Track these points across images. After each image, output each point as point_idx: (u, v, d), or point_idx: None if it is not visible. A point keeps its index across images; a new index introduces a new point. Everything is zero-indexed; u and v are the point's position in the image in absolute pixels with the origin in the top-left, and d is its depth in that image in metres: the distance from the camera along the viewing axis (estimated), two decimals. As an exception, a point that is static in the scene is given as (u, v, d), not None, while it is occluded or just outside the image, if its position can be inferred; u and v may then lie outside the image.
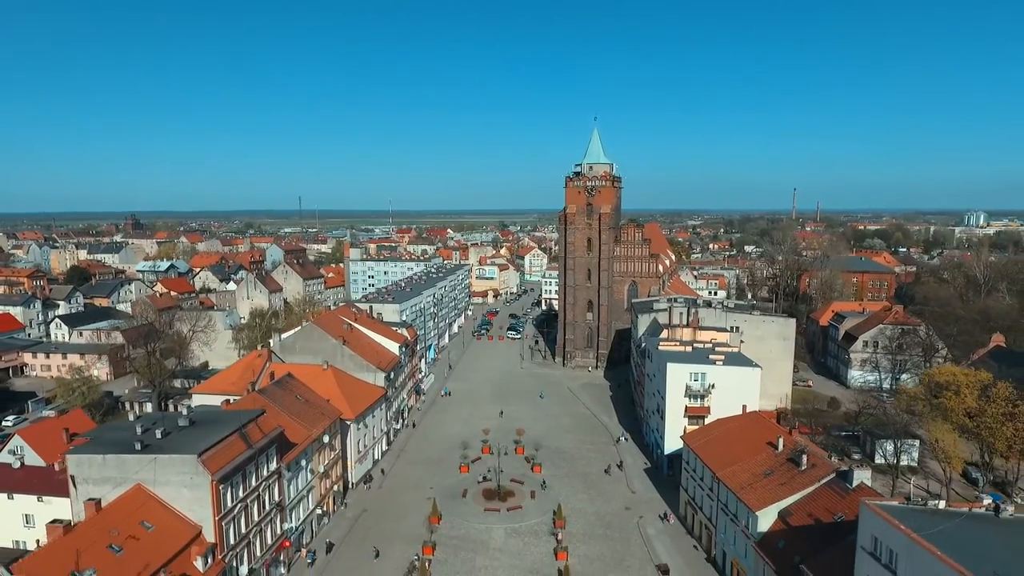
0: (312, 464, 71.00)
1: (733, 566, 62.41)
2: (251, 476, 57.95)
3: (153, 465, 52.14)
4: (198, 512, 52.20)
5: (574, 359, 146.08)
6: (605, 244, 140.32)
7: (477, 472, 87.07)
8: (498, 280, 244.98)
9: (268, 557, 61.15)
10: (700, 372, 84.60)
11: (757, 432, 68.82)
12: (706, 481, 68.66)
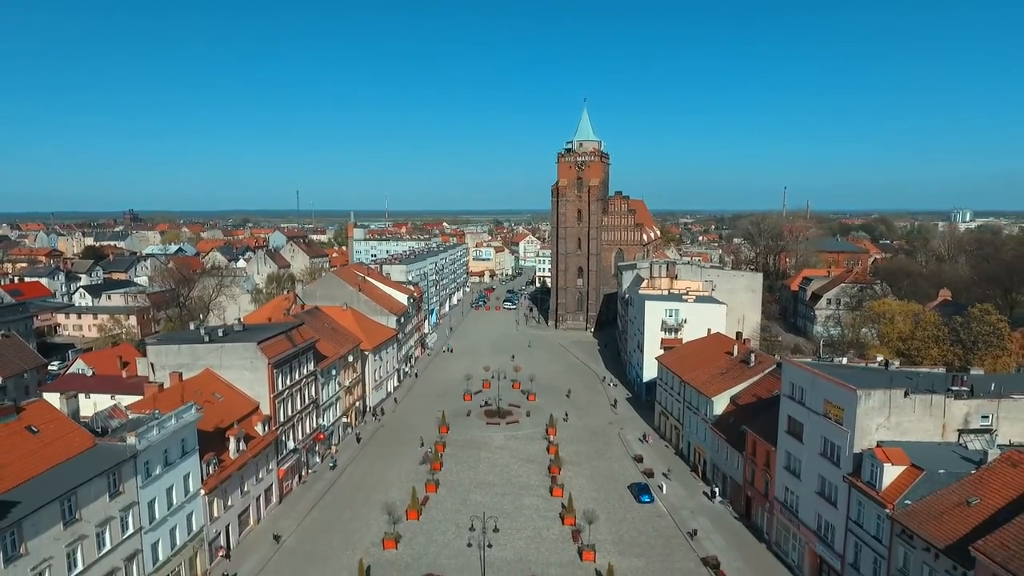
0: (339, 378, 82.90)
1: (696, 451, 74.74)
2: (295, 371, 69.82)
3: (220, 352, 64.05)
4: (256, 390, 64.04)
5: (566, 321, 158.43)
6: (594, 215, 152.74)
7: (479, 400, 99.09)
8: (494, 261, 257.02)
9: (307, 443, 72.97)
10: (674, 309, 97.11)
11: (718, 347, 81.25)
12: (675, 388, 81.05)
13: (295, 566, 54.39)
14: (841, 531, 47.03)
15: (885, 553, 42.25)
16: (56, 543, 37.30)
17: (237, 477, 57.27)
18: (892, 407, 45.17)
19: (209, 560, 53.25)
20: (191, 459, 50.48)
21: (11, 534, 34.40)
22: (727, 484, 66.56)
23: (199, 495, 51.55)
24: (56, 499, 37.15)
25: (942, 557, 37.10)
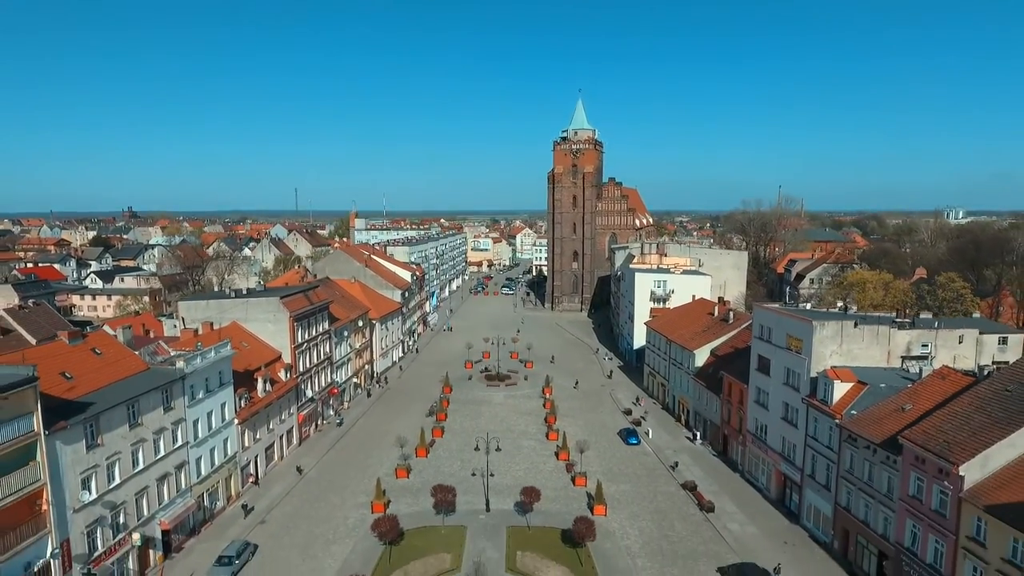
0: (350, 340, 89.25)
1: (680, 403, 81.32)
2: (313, 327, 76.16)
3: (245, 305, 70.41)
4: (279, 341, 70.37)
5: (561, 303, 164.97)
6: (588, 200, 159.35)
7: (479, 368, 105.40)
8: (492, 252, 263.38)
9: (323, 396, 79.27)
10: (662, 280, 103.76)
11: (701, 310, 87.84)
12: (661, 348, 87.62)
13: (317, 492, 60.71)
14: (801, 448, 53.60)
15: (835, 458, 48.84)
16: (123, 441, 43.62)
17: (264, 414, 63.59)
18: (844, 336, 51.82)
19: (241, 484, 59.59)
20: (227, 390, 56.81)
21: (90, 426, 40.72)
22: (707, 427, 73.15)
23: (233, 424, 57.88)
24: (123, 402, 43.50)
25: (878, 451, 43.71)
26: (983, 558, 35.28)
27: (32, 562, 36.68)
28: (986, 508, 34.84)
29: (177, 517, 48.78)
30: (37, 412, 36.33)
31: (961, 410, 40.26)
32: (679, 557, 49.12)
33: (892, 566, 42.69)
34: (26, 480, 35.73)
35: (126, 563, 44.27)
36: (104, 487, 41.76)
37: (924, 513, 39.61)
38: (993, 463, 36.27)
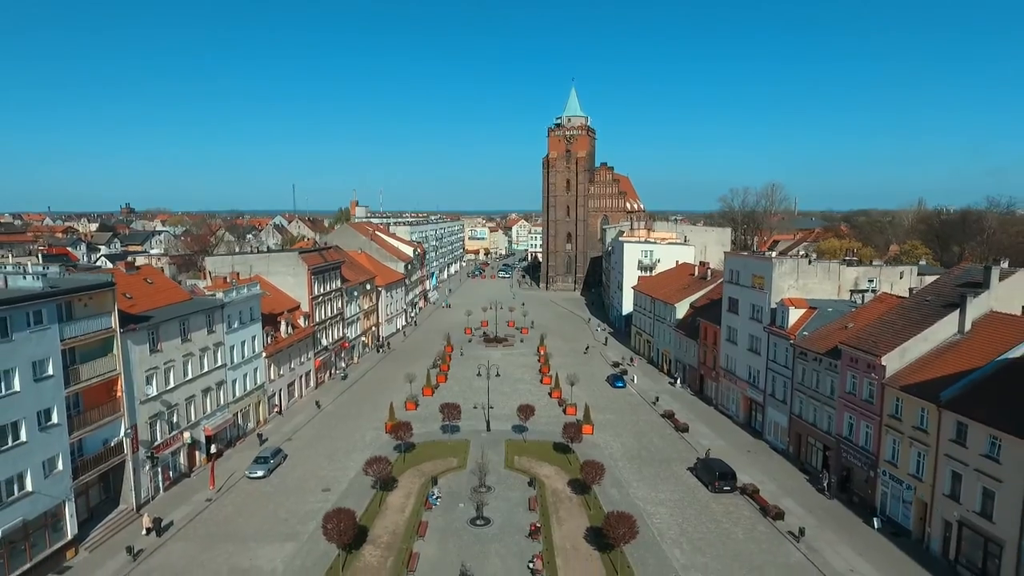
0: (359, 300, 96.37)
1: (662, 354, 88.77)
2: (327, 283, 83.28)
3: (268, 260, 77.56)
4: (298, 292, 77.49)
5: (555, 283, 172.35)
6: (581, 184, 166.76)
7: (478, 335, 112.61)
8: (488, 241, 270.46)
9: (335, 348, 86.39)
10: (649, 250, 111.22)
11: (684, 272, 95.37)
12: (646, 307, 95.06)
13: (334, 421, 67.84)
14: (763, 372, 61.04)
15: (790, 375, 56.30)
16: (176, 351, 50.74)
17: (286, 353, 70.69)
18: (799, 272, 59.33)
19: (268, 411, 66.70)
20: (256, 326, 63.91)
21: (152, 333, 47.84)
22: (686, 371, 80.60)
23: (261, 356, 64.98)
24: (177, 317, 50.67)
25: (823, 360, 51.19)
26: (899, 430, 42.76)
27: (109, 439, 43.78)
28: (901, 388, 42.33)
29: (218, 426, 55.90)
30: (114, 312, 43.47)
31: (889, 319, 47.85)
32: (655, 461, 56.48)
33: (833, 455, 50.14)
34: (106, 368, 42.82)
35: (178, 458, 51.42)
36: (162, 387, 48.87)
37: (857, 404, 47.08)
38: (910, 354, 43.77)
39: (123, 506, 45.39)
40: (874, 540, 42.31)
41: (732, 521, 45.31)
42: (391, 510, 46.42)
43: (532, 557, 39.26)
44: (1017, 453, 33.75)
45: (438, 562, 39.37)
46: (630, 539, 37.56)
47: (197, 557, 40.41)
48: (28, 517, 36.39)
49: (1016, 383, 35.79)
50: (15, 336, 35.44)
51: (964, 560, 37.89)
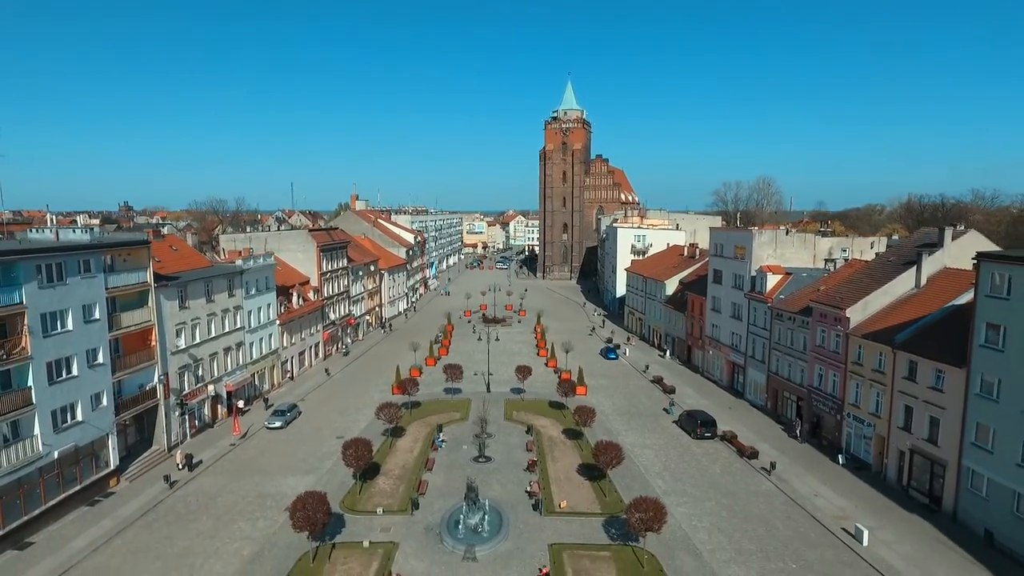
0: (364, 280, 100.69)
1: (653, 330, 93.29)
2: (334, 260, 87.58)
3: (279, 237, 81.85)
4: (307, 268, 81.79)
5: (552, 272, 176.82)
6: (577, 175, 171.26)
7: (477, 316, 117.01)
8: (486, 235, 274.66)
9: (342, 323, 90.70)
10: (641, 234, 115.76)
11: (675, 253, 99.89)
12: (638, 286, 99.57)
13: (342, 387, 72.13)
14: (744, 336, 65.53)
15: (768, 336, 60.81)
16: (202, 310, 55.06)
17: (298, 323, 75.00)
18: (778, 242, 63.88)
19: (280, 376, 70.99)
20: (271, 294, 68.23)
21: (181, 291, 52.16)
22: (675, 344, 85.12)
23: (275, 323, 69.28)
24: (202, 279, 55.01)
25: (796, 318, 55.71)
26: (861, 374, 47.30)
27: (144, 383, 48.08)
28: (863, 336, 46.87)
29: (238, 383, 60.22)
30: (149, 268, 47.79)
31: (855, 279, 52.42)
32: (643, 415, 60.95)
33: (805, 404, 54.67)
34: (142, 318, 47.12)
35: (203, 408, 55.74)
36: (190, 341, 53.20)
37: (826, 356, 51.61)
38: (871, 307, 48.32)
39: (156, 447, 49.70)
40: (838, 473, 46.83)
41: (711, 460, 49.79)
42: (400, 451, 50.79)
43: (529, 483, 43.69)
44: (957, 381, 38.30)
45: (445, 488, 43.76)
46: (616, 464, 42.01)
47: (227, 486, 44.75)
48: (79, 443, 40.69)
49: (959, 324, 40.25)
50: (68, 280, 39.75)
51: (915, 484, 42.41)
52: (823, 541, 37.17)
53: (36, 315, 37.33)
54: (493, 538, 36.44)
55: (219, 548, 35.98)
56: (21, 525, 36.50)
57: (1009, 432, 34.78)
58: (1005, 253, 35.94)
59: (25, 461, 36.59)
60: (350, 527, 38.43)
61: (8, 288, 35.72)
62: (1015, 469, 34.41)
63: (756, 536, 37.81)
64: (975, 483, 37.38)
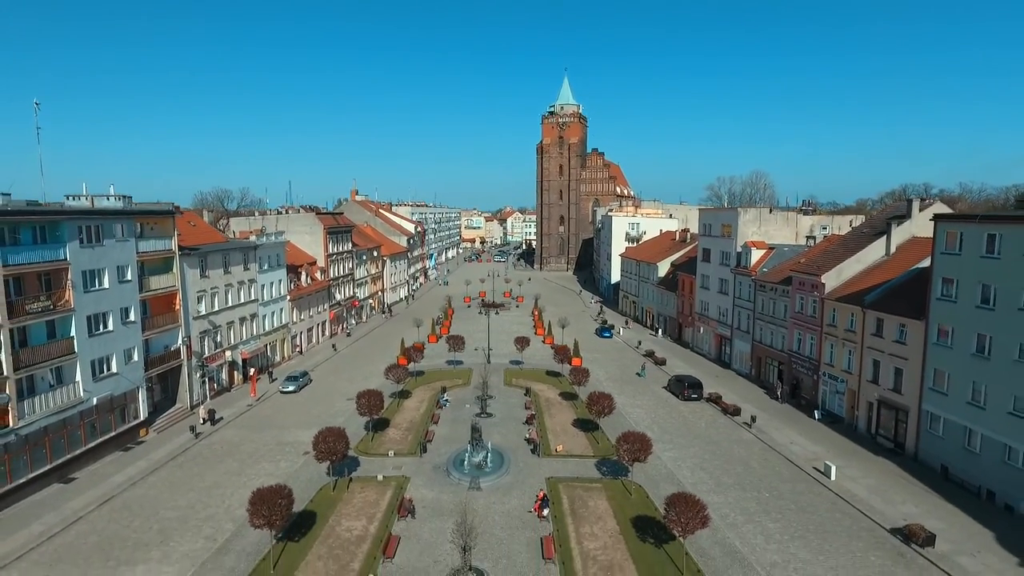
0: (367, 265, 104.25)
1: (646, 311, 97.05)
2: (340, 244, 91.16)
3: (288, 219, 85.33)
4: (315, 250, 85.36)
5: (549, 264, 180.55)
6: (574, 169, 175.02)
7: (476, 303, 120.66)
8: (484, 230, 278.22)
9: (347, 304, 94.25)
10: (635, 223, 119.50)
11: (667, 238, 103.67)
12: (632, 270, 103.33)
13: (349, 360, 75.69)
14: (731, 310, 69.29)
15: (752, 307, 64.57)
16: (220, 280, 58.60)
17: (306, 300, 78.54)
18: (762, 220, 67.65)
19: (290, 350, 74.53)
20: (282, 271, 71.76)
21: (202, 261, 55.71)
22: (667, 323, 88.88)
23: (286, 299, 72.83)
24: (220, 251, 58.57)
25: (778, 288, 59.48)
26: (835, 335, 51.06)
27: (169, 344, 51.61)
28: (837, 299, 50.65)
29: (252, 352, 63.77)
30: (174, 237, 51.34)
31: (831, 250, 56.22)
32: (635, 383, 64.64)
33: (786, 368, 58.42)
34: (167, 283, 50.65)
35: (221, 373, 59.27)
36: (209, 308, 56.76)
37: (804, 321, 55.37)
38: (845, 274, 52.09)
39: (179, 404, 53.23)
40: (814, 426, 50.60)
41: (696, 417, 53.54)
42: (407, 410, 54.42)
43: (528, 432, 47.36)
44: (917, 333, 42.08)
45: (450, 437, 47.38)
46: (608, 413, 45.67)
47: (248, 436, 48.34)
48: (114, 393, 44.22)
49: (921, 284, 44.01)
50: (105, 242, 43.29)
51: (881, 431, 46.18)
52: (795, 477, 40.92)
53: (78, 272, 40.88)
54: (495, 472, 40.12)
55: (246, 482, 39.51)
56: (65, 462, 40.03)
57: (961, 374, 38.55)
58: (957, 214, 39.69)
59: (68, 404, 40.10)
60: (364, 467, 42.04)
61: (54, 245, 39.26)
62: (966, 407, 38.18)
63: (734, 473, 41.54)
64: (933, 425, 41.14)
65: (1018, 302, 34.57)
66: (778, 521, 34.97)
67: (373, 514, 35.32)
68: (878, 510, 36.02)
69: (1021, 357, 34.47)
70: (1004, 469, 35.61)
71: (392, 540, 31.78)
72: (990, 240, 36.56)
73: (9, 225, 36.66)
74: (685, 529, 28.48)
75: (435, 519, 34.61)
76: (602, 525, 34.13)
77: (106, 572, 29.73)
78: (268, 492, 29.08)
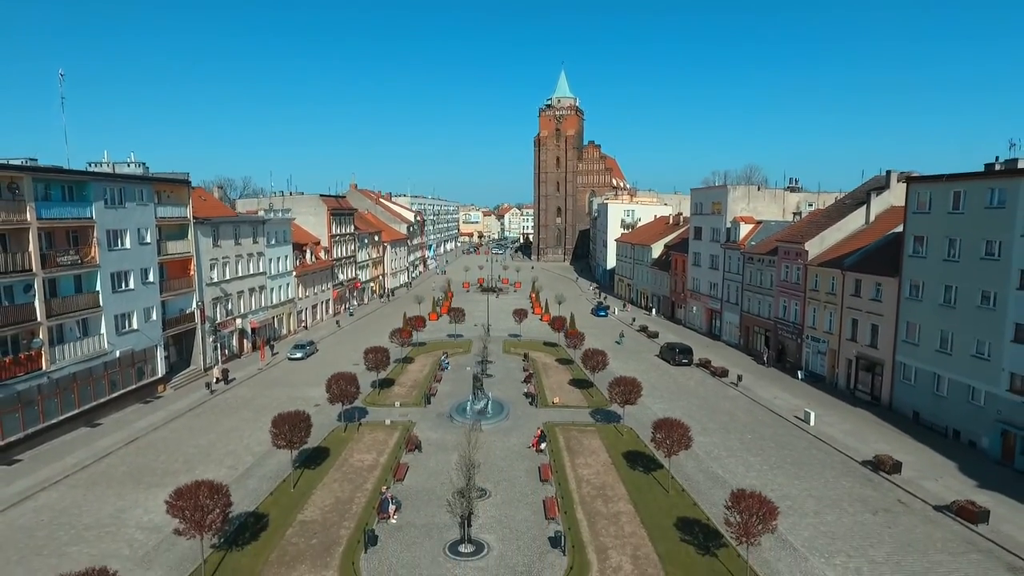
0: (369, 249, 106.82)
1: (640, 293, 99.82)
2: (343, 226, 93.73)
3: (292, 201, 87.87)
4: (319, 231, 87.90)
5: (546, 255, 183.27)
6: (570, 161, 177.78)
7: (475, 288, 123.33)
8: (482, 224, 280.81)
9: (350, 285, 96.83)
10: (631, 209, 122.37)
11: (661, 223, 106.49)
12: (627, 253, 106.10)
13: (353, 335, 78.20)
14: (720, 284, 72.06)
15: (740, 280, 67.34)
16: (231, 251, 61.17)
17: (311, 277, 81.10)
18: (751, 197, 70.46)
19: (296, 324, 77.10)
20: (288, 247, 74.32)
21: (214, 230, 58.27)
22: (660, 302, 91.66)
23: (291, 275, 75.40)
24: (231, 222, 61.13)
25: (765, 259, 62.26)
26: (817, 299, 53.86)
27: (184, 308, 54.16)
28: (819, 265, 53.43)
29: (260, 322, 66.31)
30: (189, 205, 53.92)
31: (815, 220, 59.03)
32: (629, 351, 67.36)
33: (772, 334, 61.21)
34: (183, 249, 53.22)
35: (232, 339, 61.84)
36: (221, 277, 59.34)
37: (789, 288, 58.17)
38: (827, 241, 54.89)
39: (193, 366, 55.77)
40: (797, 385, 53.39)
41: (686, 378, 56.30)
42: (411, 372, 57.07)
43: (527, 388, 50.04)
44: (891, 290, 44.87)
45: (452, 392, 50.04)
46: (602, 368, 48.43)
47: (261, 392, 50.95)
48: (135, 348, 46.78)
49: (895, 247, 46.82)
50: (127, 205, 45.85)
51: (859, 386, 48.96)
52: (776, 423, 43.69)
53: (103, 230, 43.43)
54: (496, 417, 42.81)
55: (262, 426, 41.90)
56: (91, 408, 42.58)
57: (930, 325, 41.35)
58: (927, 175, 42.44)
59: (94, 354, 42.65)
60: (372, 416, 44.68)
61: (82, 203, 41.82)
62: (934, 355, 40.98)
63: (720, 421, 44.29)
64: (906, 374, 43.95)
65: (979, 252, 37.38)
66: (758, 456, 37.71)
67: (383, 449, 37.99)
68: (852, 447, 38.80)
69: (982, 303, 37.28)
70: (967, 408, 38.41)
71: (401, 467, 34.46)
72: (956, 197, 39.40)
73: (42, 182, 39.19)
74: (670, 451, 31.19)
75: (440, 453, 37.26)
76: (595, 458, 36.84)
77: (139, 493, 32.31)
78: (289, 415, 31.72)
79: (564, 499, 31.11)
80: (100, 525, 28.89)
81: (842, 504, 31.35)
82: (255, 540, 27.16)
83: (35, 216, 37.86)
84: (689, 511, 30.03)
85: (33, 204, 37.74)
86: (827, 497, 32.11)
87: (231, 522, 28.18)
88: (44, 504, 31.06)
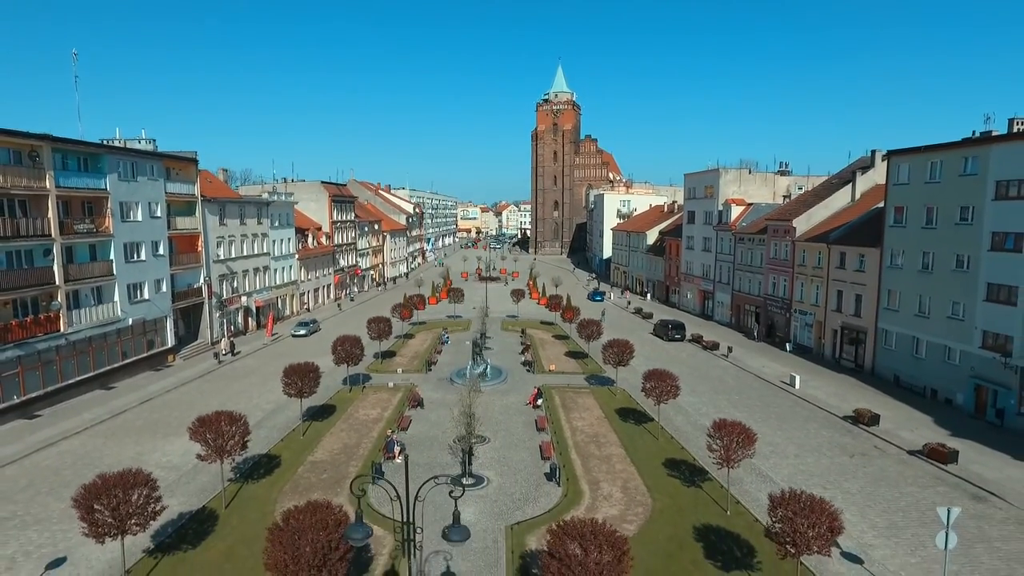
0: (369, 237, 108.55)
1: (636, 279, 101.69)
2: (344, 213, 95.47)
3: (295, 186, 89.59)
4: (320, 216, 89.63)
5: (543, 248, 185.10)
6: (567, 155, 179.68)
7: (473, 277, 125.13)
8: (480, 220, 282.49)
9: (350, 271, 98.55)
10: (627, 200, 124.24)
11: (656, 211, 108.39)
12: (622, 241, 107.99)
13: (355, 316, 79.73)
14: (713, 266, 73.96)
15: (732, 260, 69.24)
16: (237, 230, 62.89)
17: (313, 261, 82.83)
18: (742, 180, 72.37)
19: (299, 306, 78.81)
20: (291, 230, 76.06)
21: (221, 209, 59.99)
22: (655, 287, 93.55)
23: (294, 257, 77.12)
24: (237, 202, 62.87)
25: (755, 239, 64.17)
26: (804, 274, 55.78)
27: (192, 283, 55.88)
28: (806, 240, 55.35)
29: (264, 301, 68.03)
30: (197, 183, 55.66)
31: (803, 199, 60.96)
32: (623, 329, 69.08)
33: (762, 310, 63.12)
34: (191, 225, 54.94)
35: (238, 316, 63.56)
36: (227, 255, 61.06)
37: (778, 265, 60.07)
38: (815, 218, 56.82)
39: (200, 340, 57.50)
40: (785, 355, 55.29)
41: (679, 351, 58.18)
42: (412, 346, 58.90)
43: (524, 358, 51.87)
44: (874, 261, 46.80)
45: (452, 363, 51.84)
46: (596, 337, 50.27)
47: (268, 363, 52.68)
48: (146, 318, 48.51)
49: (878, 220, 48.76)
50: (139, 179, 47.59)
51: (844, 355, 50.88)
52: (764, 387, 45.58)
53: (116, 202, 45.17)
54: (494, 380, 44.65)
55: (270, 388, 43.87)
56: (105, 372, 44.29)
57: (909, 291, 43.27)
58: (906, 148, 44.34)
59: (108, 320, 44.38)
60: (376, 380, 46.47)
61: (97, 174, 43.55)
62: (913, 319, 42.90)
63: (710, 384, 46.19)
64: (887, 341, 45.86)
65: (954, 218, 39.32)
66: (744, 412, 39.56)
67: (387, 406, 39.82)
68: (834, 406, 40.70)
69: (957, 267, 39.20)
70: (944, 367, 40.33)
71: (405, 419, 36.28)
72: (932, 167, 41.34)
73: (60, 152, 40.90)
74: (659, 398, 33.07)
75: (442, 409, 39.07)
76: (589, 413, 38.72)
77: (156, 441, 34.07)
78: (299, 367, 33.52)
79: (559, 444, 32.97)
80: (122, 465, 30.57)
81: (821, 449, 33.25)
82: (269, 475, 28.98)
83: (54, 184, 39.58)
84: (677, 454, 31.92)
85: (52, 172, 39.46)
86: (808, 444, 34.02)
87: (247, 460, 30.07)
88: (67, 450, 32.82)
